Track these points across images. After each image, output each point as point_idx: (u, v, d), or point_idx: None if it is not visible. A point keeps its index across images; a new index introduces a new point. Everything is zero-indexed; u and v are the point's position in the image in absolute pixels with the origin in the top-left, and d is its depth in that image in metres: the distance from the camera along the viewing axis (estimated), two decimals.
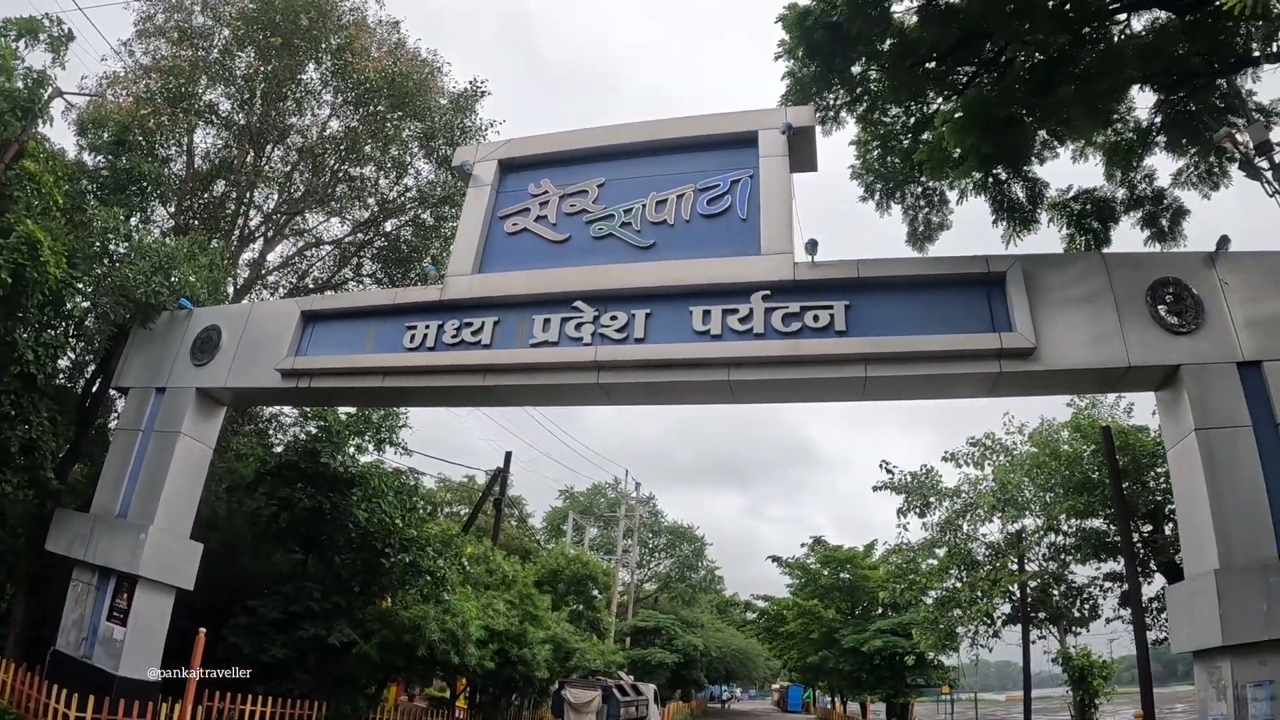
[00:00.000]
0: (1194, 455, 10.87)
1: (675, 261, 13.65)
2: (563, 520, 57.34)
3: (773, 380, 12.79)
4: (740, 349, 12.73)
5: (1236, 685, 9.98)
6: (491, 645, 20.96)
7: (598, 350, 13.21)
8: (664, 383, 13.24)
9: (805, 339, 12.55)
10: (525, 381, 13.71)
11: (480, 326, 13.95)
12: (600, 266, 14.00)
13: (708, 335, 12.89)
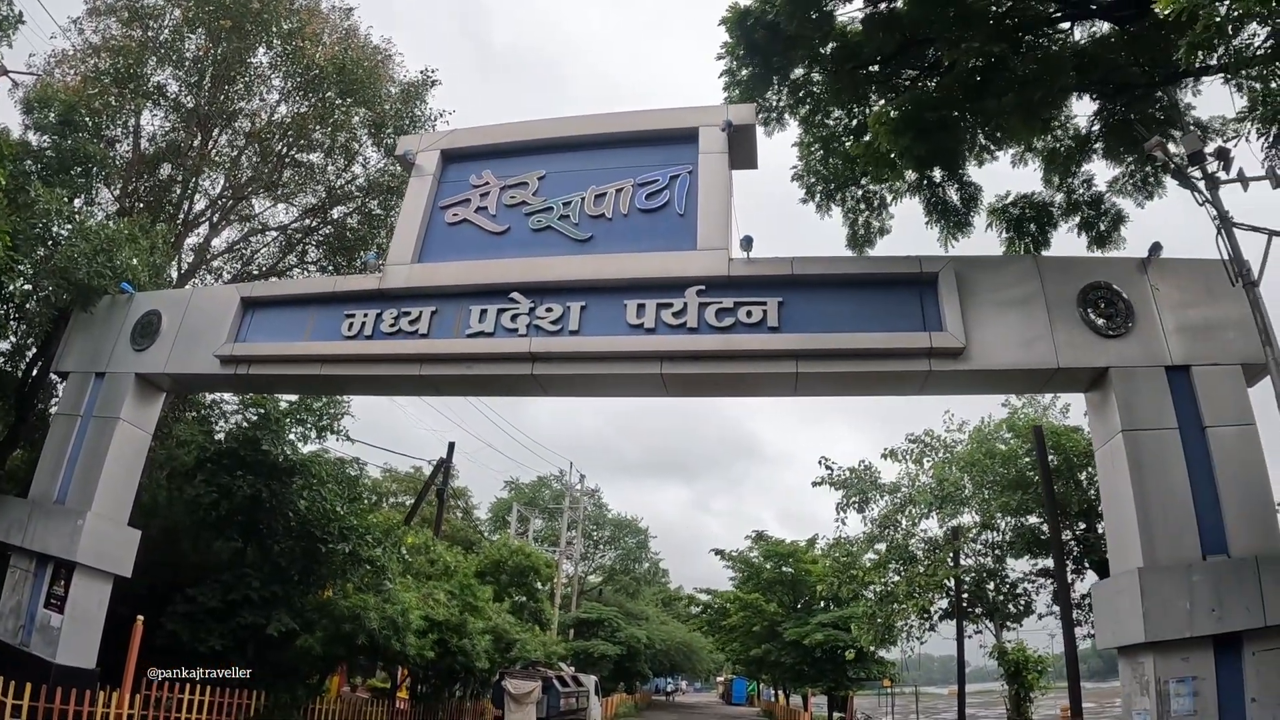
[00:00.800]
0: (1120, 456, 11.18)
1: (612, 255, 13.73)
2: (507, 512, 57.42)
3: (705, 375, 12.95)
4: (673, 343, 12.84)
5: (1159, 681, 10.24)
6: (431, 635, 20.98)
7: (532, 342, 13.26)
8: (598, 375, 13.37)
9: (738, 334, 12.68)
10: (461, 371, 13.74)
11: (418, 316, 13.95)
12: (538, 259, 14.05)
13: (641, 329, 12.98)
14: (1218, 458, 10.91)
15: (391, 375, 14.23)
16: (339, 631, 17.85)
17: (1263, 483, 10.87)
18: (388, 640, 18.47)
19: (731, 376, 12.96)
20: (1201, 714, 10.07)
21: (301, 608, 18.17)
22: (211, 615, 16.54)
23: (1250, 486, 10.81)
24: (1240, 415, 11.11)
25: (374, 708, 21.17)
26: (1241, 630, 10.08)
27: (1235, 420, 11.07)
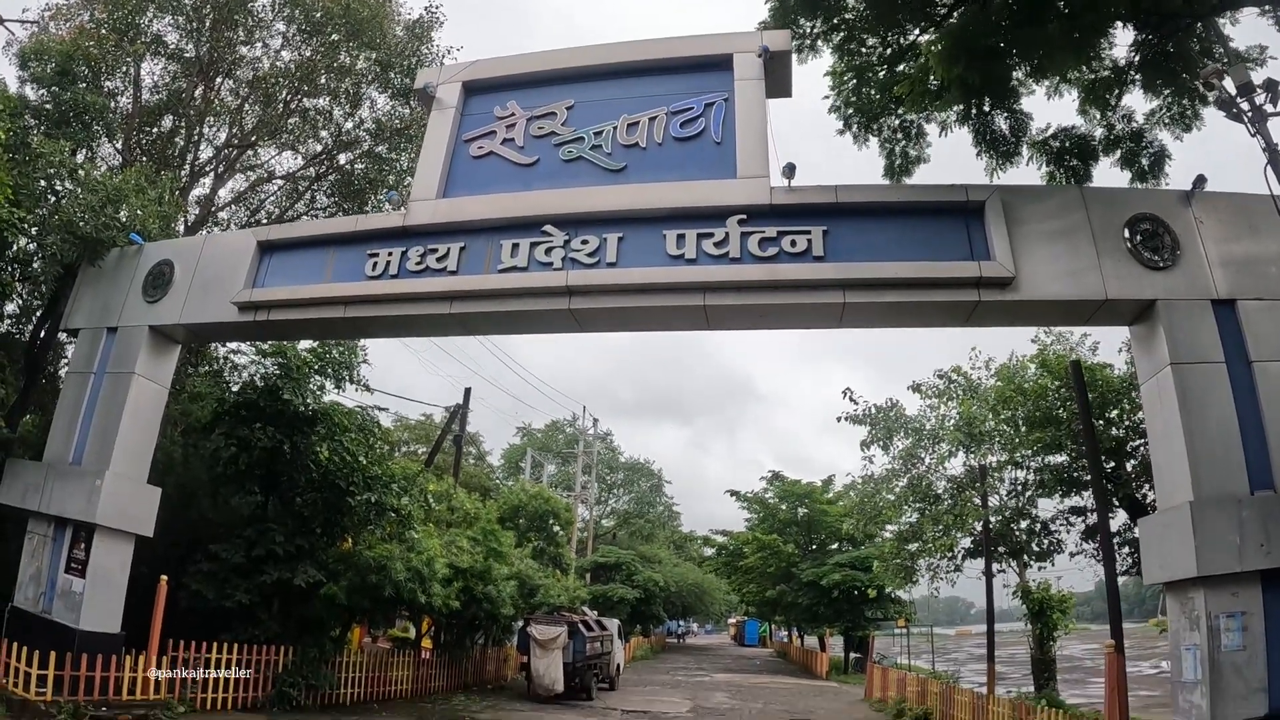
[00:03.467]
0: (1168, 390, 11.03)
1: (648, 184, 13.33)
2: (521, 458, 57.33)
3: (749, 305, 12.58)
4: (716, 273, 12.51)
5: (1209, 616, 10.14)
6: (456, 583, 20.80)
7: (569, 275, 12.91)
8: (637, 308, 13.00)
9: (782, 264, 12.35)
10: (494, 309, 13.36)
11: (445, 253, 13.56)
12: (570, 190, 13.62)
13: (682, 259, 12.65)
14: (1264, 392, 10.80)
15: (419, 315, 13.85)
16: (364, 583, 17.63)
17: None
18: (413, 591, 18.25)
19: (776, 307, 12.58)
20: (1250, 649, 10.04)
21: (326, 560, 18.00)
22: (236, 571, 16.41)
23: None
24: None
25: (398, 658, 21.07)
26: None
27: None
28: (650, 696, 26.95)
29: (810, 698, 29.28)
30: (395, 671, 20.70)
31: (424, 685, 22.02)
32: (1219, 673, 10.05)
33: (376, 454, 19.13)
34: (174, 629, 14.60)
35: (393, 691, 20.32)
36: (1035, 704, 14.88)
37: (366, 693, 19.18)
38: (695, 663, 49.58)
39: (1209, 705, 10.01)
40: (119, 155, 20.43)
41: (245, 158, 23.50)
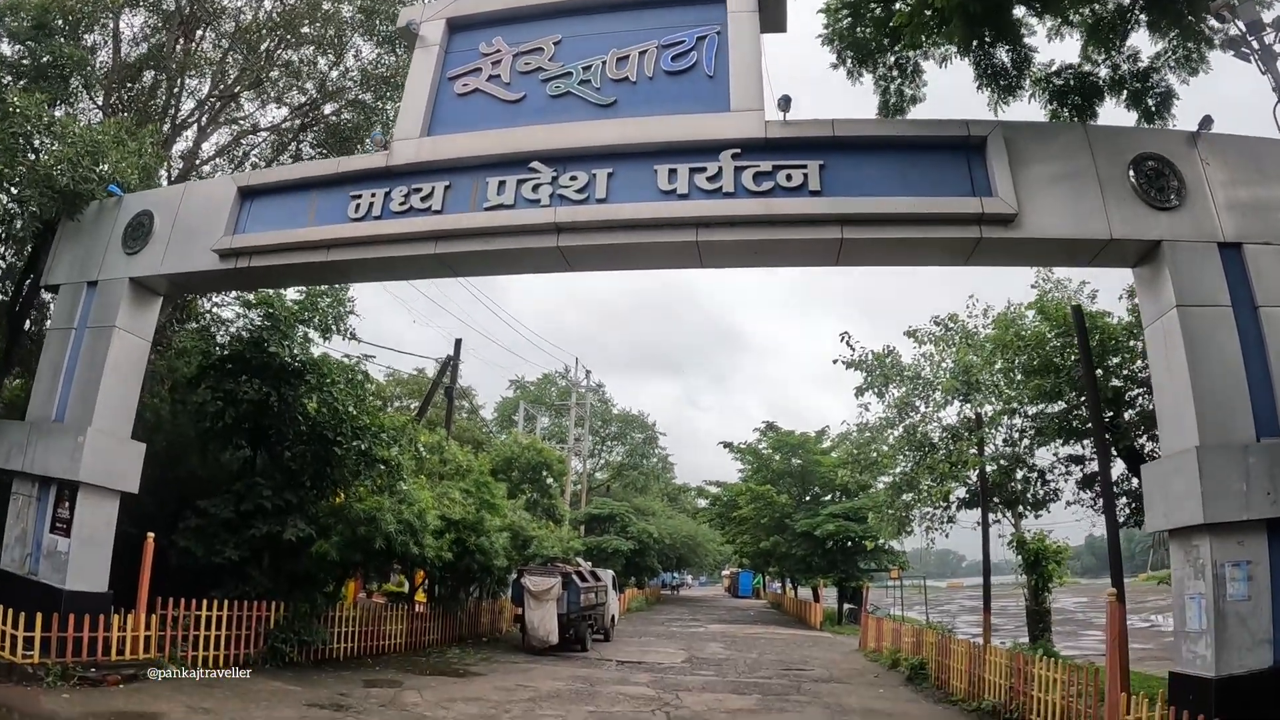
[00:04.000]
0: (1174, 332, 10.81)
1: (639, 119, 12.89)
2: (514, 410, 57.09)
3: (743, 241, 12.21)
4: (709, 208, 12.12)
5: (1215, 565, 9.97)
6: (449, 535, 20.68)
7: (557, 211, 12.50)
8: (628, 244, 12.59)
9: (778, 198, 11.96)
10: (479, 247, 12.96)
11: (430, 192, 13.16)
12: (558, 125, 13.17)
13: (674, 194, 12.24)
14: (1271, 339, 10.64)
15: (403, 256, 13.45)
16: (355, 536, 17.46)
17: None
18: (405, 544, 18.11)
19: (771, 243, 12.21)
20: (1256, 600, 9.91)
21: (316, 514, 17.76)
22: (225, 527, 16.15)
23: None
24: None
25: (392, 612, 20.94)
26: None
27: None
28: (645, 647, 26.94)
29: (804, 648, 29.28)
30: (389, 625, 20.57)
31: (418, 639, 21.91)
32: (1224, 622, 9.90)
33: (365, 405, 18.77)
34: (163, 587, 14.37)
35: (387, 646, 20.22)
36: (1033, 654, 14.67)
37: (360, 647, 19.07)
38: (690, 614, 49.81)
39: (1214, 655, 9.88)
40: (99, 111, 19.94)
41: (229, 110, 23.03)
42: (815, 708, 15.85)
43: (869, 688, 18.96)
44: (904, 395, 23.87)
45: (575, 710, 14.42)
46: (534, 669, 19.72)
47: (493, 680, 17.48)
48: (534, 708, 14.42)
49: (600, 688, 17.14)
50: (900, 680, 19.96)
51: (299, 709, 12.50)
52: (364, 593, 27.19)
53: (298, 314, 17.67)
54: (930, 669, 19.08)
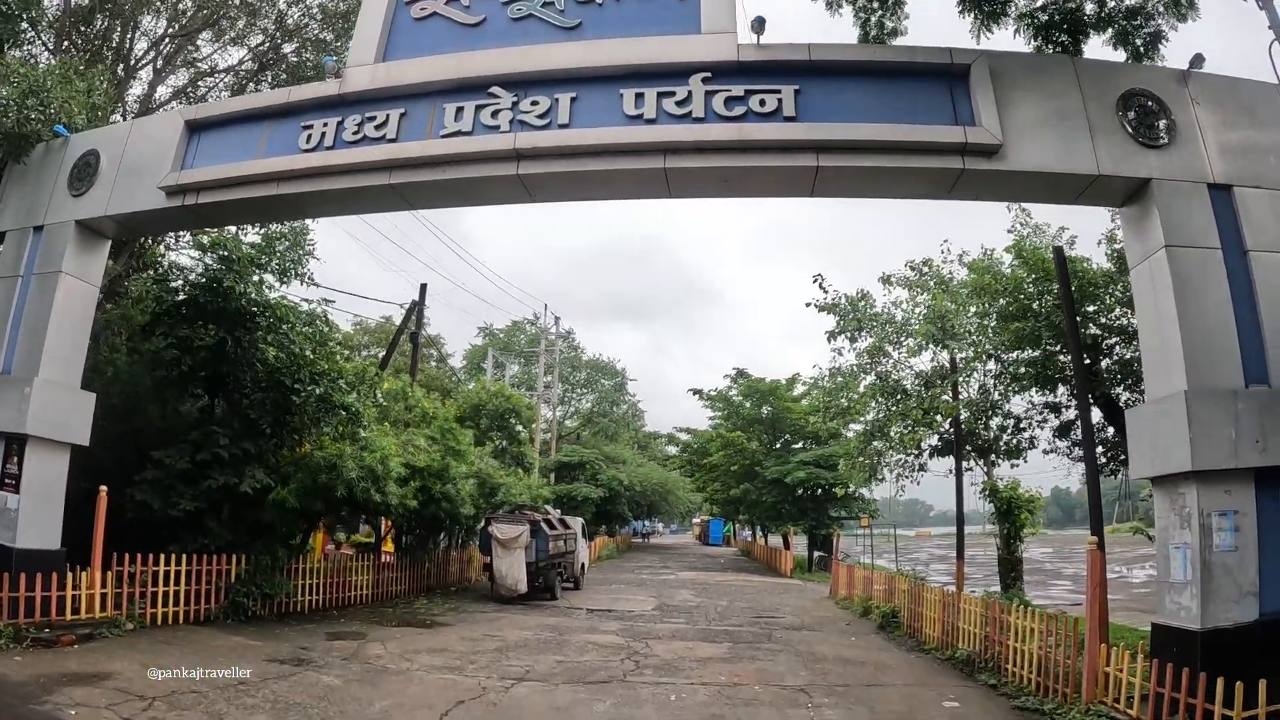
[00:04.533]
0: (1162, 273, 10.54)
1: (605, 41, 12.17)
2: (482, 359, 56.41)
3: (714, 169, 11.63)
4: (678, 134, 11.52)
5: (1202, 514, 9.71)
6: (413, 483, 20.17)
7: (517, 138, 11.84)
8: (592, 172, 11.93)
9: (751, 124, 11.39)
10: (436, 177, 12.25)
11: (384, 120, 12.45)
12: (520, 48, 12.43)
13: (641, 120, 11.63)
14: (1260, 283, 10.42)
15: (357, 188, 12.72)
16: (315, 484, 16.98)
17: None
18: (367, 491, 17.58)
19: (743, 171, 11.64)
20: (1242, 550, 9.71)
21: (276, 463, 17.34)
22: (182, 478, 15.66)
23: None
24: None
25: (358, 563, 20.56)
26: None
27: (1277, 246, 10.63)
28: (616, 595, 26.66)
29: (775, 595, 29.11)
30: (355, 577, 20.24)
31: (385, 590, 21.62)
32: (1210, 573, 9.67)
33: (325, 350, 18.14)
34: (120, 543, 13.94)
35: (353, 597, 19.91)
36: (1009, 603, 14.37)
37: (325, 599, 18.73)
38: (660, 562, 49.78)
39: (1199, 607, 9.63)
40: (50, 55, 19.09)
41: (186, 53, 22.27)
42: (787, 655, 15.54)
43: (841, 635, 18.70)
44: (877, 341, 23.49)
45: (543, 660, 14.04)
46: (502, 618, 19.34)
47: (459, 631, 17.08)
48: (500, 658, 14.02)
49: (569, 637, 16.78)
50: (872, 628, 19.74)
51: (258, 664, 12.04)
52: (332, 544, 26.78)
53: (254, 257, 16.97)
54: (902, 617, 18.85)
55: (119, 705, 9.15)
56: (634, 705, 10.94)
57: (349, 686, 11.19)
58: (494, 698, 11.00)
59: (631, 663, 14.09)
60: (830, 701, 11.63)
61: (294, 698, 10.29)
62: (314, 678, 11.57)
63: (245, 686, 10.61)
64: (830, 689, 12.53)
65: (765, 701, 11.48)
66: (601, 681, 12.41)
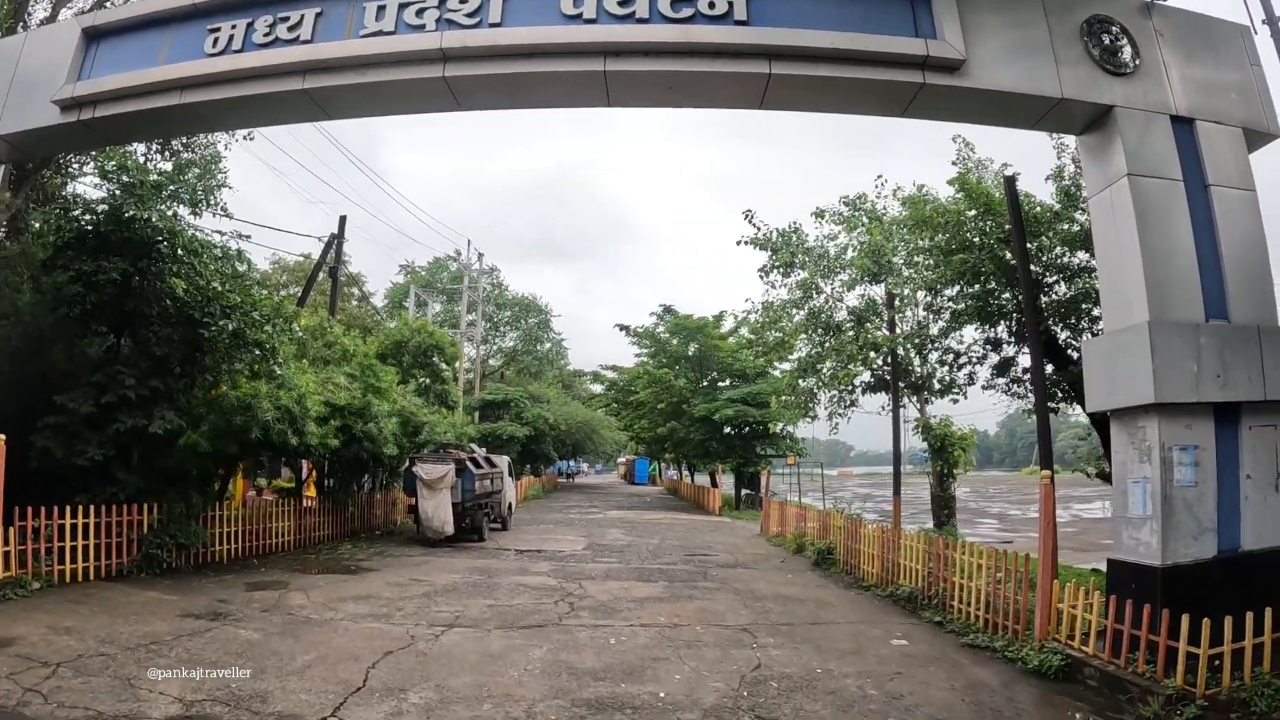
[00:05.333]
0: (1124, 202, 10.35)
1: None
2: (404, 297, 54.89)
3: (658, 73, 10.89)
4: (620, 34, 10.74)
5: (1163, 447, 9.51)
6: (333, 422, 19.34)
7: (444, 37, 10.92)
8: (525, 74, 11.03)
9: (699, 25, 10.68)
10: (354, 80, 11.28)
11: (298, 20, 11.43)
12: None
13: (579, 19, 10.82)
14: (1220, 218, 10.39)
15: (268, 94, 11.67)
16: (229, 425, 15.97)
17: (1262, 251, 10.54)
18: (284, 432, 16.70)
19: (689, 76, 10.89)
20: (1202, 486, 9.63)
21: (188, 404, 16.34)
22: (87, 423, 14.66)
23: (1250, 253, 10.46)
24: (1242, 179, 10.67)
25: (279, 508, 19.81)
26: (1241, 401, 9.82)
27: (1237, 183, 10.61)
28: (544, 535, 26.14)
29: (706, 533, 28.89)
30: (276, 523, 19.49)
31: (308, 536, 20.88)
32: (1171, 508, 9.51)
33: (238, 282, 17.01)
34: (23, 496, 12.95)
35: (275, 545, 19.22)
36: (955, 538, 14.15)
37: (245, 548, 18.03)
38: (588, 501, 49.46)
39: (1160, 542, 9.42)
40: None
41: None
42: (725, 594, 15.22)
43: (777, 572, 18.46)
44: (809, 276, 23.05)
45: (473, 604, 13.46)
46: (429, 562, 18.72)
47: (385, 576, 16.41)
48: (429, 604, 13.40)
49: (499, 579, 16.22)
50: (807, 565, 19.54)
51: (172, 621, 11.27)
52: (253, 491, 25.79)
53: (161, 184, 15.74)
54: (838, 554, 18.67)
55: (20, 674, 8.33)
56: (572, 650, 10.42)
57: (269, 640, 10.48)
58: (423, 647, 10.37)
59: (566, 605, 13.60)
60: (776, 641, 11.28)
61: (210, 655, 9.56)
62: (232, 632, 10.83)
63: (158, 646, 9.84)
64: (774, 628, 12.20)
65: (708, 642, 11.08)
66: (536, 626, 11.88)
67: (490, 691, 8.52)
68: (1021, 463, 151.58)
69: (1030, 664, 10.10)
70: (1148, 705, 8.39)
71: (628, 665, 9.76)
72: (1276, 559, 9.80)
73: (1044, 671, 9.86)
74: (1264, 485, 9.97)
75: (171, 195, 15.89)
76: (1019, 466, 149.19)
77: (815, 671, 9.72)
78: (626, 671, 9.47)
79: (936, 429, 23.34)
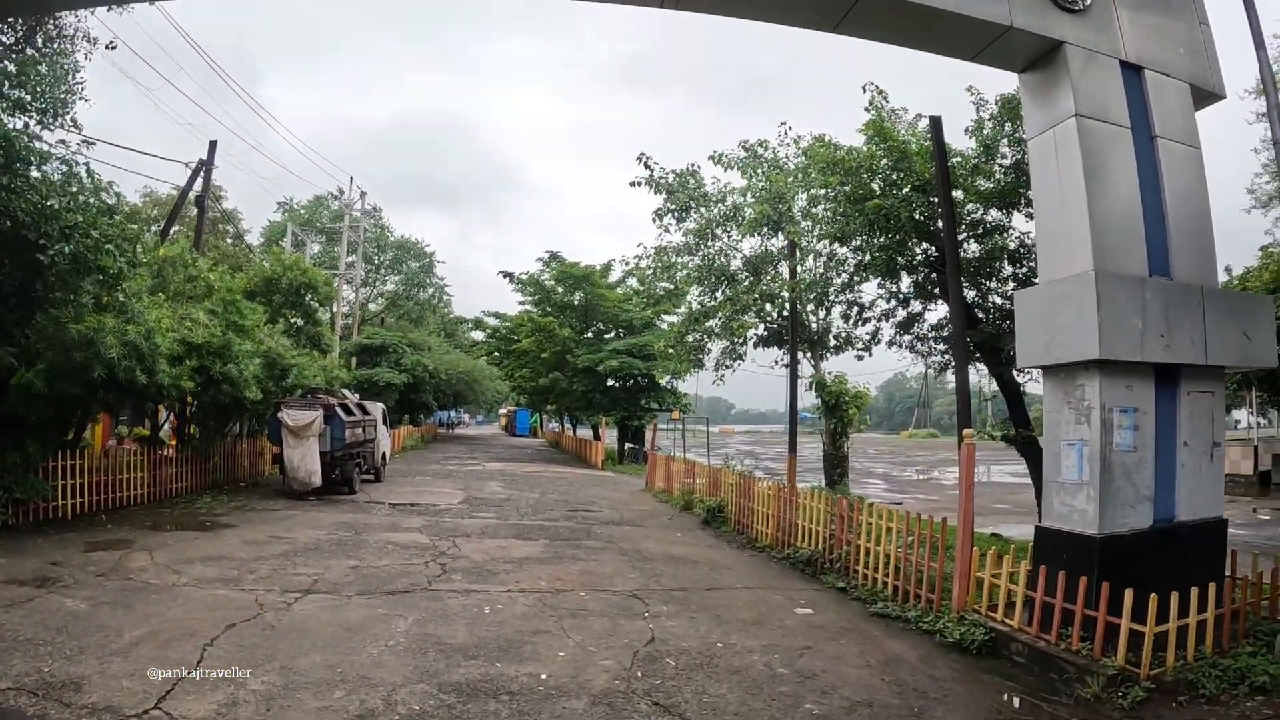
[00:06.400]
0: (1070, 144, 9.53)
1: None
2: (281, 236, 51.97)
3: None
4: None
5: (1104, 408, 8.77)
6: (189, 362, 17.53)
7: None
8: None
9: None
10: None
11: None
12: None
13: None
14: (1166, 173, 9.78)
15: None
16: (69, 363, 14.11)
17: (1205, 210, 10.03)
18: (131, 371, 14.93)
19: None
20: (1141, 451, 8.95)
21: (25, 340, 14.45)
22: None
23: (1194, 210, 9.90)
24: (1188, 135, 10.14)
25: (133, 458, 18.10)
26: (1182, 364, 9.25)
27: (1183, 139, 10.07)
28: (420, 488, 24.79)
29: (588, 487, 27.92)
30: (130, 474, 17.77)
31: (166, 488, 19.19)
32: (1110, 474, 8.80)
33: (79, 200, 14.99)
34: None
35: (128, 498, 17.57)
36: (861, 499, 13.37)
37: (94, 502, 16.44)
38: (467, 452, 48.05)
39: (1097, 510, 8.65)
40: None
41: None
42: (611, 554, 14.24)
43: (665, 531, 17.59)
44: (705, 222, 22.07)
45: (335, 566, 12.13)
46: (294, 516, 17.27)
47: (243, 533, 14.91)
48: (286, 565, 12.03)
49: (367, 536, 14.92)
50: (696, 524, 18.76)
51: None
52: (113, 440, 23.69)
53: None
54: (730, 513, 17.91)
55: None
56: (441, 621, 9.23)
57: (97, 612, 9.02)
58: (272, 618, 9.02)
59: (438, 566, 12.42)
60: (670, 610, 10.30)
61: (26, 631, 8.11)
62: (56, 602, 9.35)
63: None
64: (667, 594, 11.24)
65: (595, 611, 10.04)
66: (403, 591, 10.65)
67: (344, 674, 7.27)
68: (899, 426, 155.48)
69: (950, 637, 9.32)
70: (1086, 686, 7.69)
71: (504, 639, 8.61)
72: (1208, 531, 9.32)
73: (965, 646, 9.10)
74: (1199, 454, 9.43)
75: (15, 104, 13.82)
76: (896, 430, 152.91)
77: (716, 646, 8.75)
78: (503, 647, 8.33)
79: (831, 385, 22.68)
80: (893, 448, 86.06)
